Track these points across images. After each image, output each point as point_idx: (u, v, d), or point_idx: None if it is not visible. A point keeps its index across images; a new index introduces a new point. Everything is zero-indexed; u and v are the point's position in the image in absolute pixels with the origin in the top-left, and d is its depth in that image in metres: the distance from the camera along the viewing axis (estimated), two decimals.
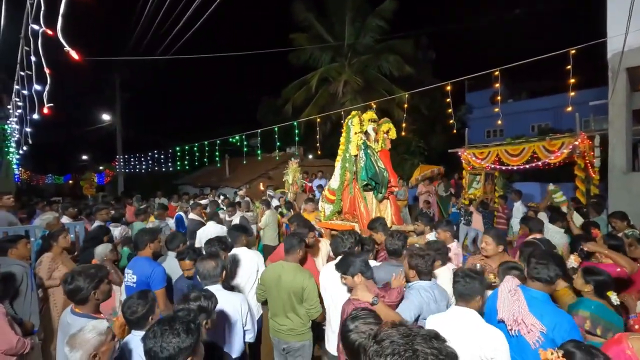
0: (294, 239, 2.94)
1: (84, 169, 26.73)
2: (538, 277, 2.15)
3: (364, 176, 4.36)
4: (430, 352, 0.88)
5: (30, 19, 3.05)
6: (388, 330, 0.96)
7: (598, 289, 2.46)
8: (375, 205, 4.55)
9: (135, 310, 1.94)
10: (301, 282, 2.71)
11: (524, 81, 23.30)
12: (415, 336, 0.91)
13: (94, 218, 5.09)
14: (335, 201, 4.62)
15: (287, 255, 2.92)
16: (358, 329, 1.52)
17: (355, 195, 4.49)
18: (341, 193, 4.58)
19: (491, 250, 3.01)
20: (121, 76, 16.77)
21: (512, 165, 8.19)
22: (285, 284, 2.76)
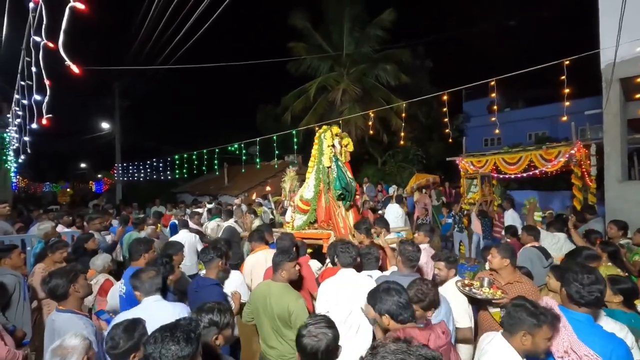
0: (282, 256, 2.69)
1: (82, 177, 26.73)
2: (587, 300, 1.90)
3: (338, 186, 4.57)
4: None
5: (32, 30, 3.10)
6: (387, 343, 0.91)
7: (627, 299, 2.37)
8: (345, 215, 4.74)
9: (116, 345, 1.75)
10: (287, 305, 2.46)
11: (520, 90, 23.54)
12: (410, 354, 0.83)
13: (88, 227, 5.06)
14: (309, 211, 4.78)
15: (274, 274, 2.69)
16: (310, 332, 1.56)
17: (331, 204, 4.70)
18: (316, 202, 4.75)
19: (496, 264, 2.87)
20: (120, 85, 16.88)
21: (510, 173, 8.25)
22: (271, 305, 2.52)
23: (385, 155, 17.27)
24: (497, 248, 2.92)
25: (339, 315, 2.63)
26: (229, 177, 16.41)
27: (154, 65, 10.22)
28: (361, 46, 15.19)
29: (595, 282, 1.92)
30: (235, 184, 15.81)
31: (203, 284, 2.88)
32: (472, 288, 2.84)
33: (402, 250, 2.76)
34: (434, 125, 17.49)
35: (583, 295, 1.91)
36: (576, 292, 1.93)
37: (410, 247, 2.75)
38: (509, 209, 7.01)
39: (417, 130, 17.03)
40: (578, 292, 1.92)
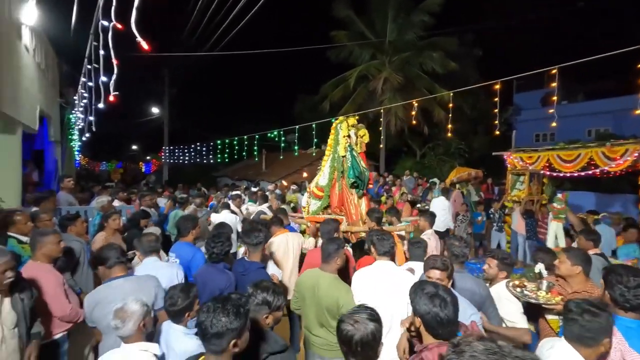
0: (332, 246, 2.61)
1: (133, 158, 28.82)
2: (633, 304, 1.80)
3: (352, 174, 4.77)
4: None
5: (100, 15, 3.36)
6: (472, 341, 0.79)
7: None
8: (357, 201, 4.95)
9: (175, 302, 1.99)
10: (337, 298, 2.40)
11: (580, 82, 21.42)
12: (505, 355, 0.72)
13: (141, 203, 5.46)
14: (323, 197, 4.98)
15: (323, 264, 2.63)
16: (350, 317, 1.53)
17: (344, 191, 4.91)
18: (329, 190, 4.94)
19: (565, 270, 2.59)
20: (170, 71, 17.82)
21: (565, 171, 7.59)
22: (319, 296, 2.48)
23: (424, 147, 16.68)
24: (568, 253, 2.64)
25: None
26: (266, 163, 16.83)
27: (201, 52, 10.63)
28: (405, 33, 14.62)
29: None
30: (273, 170, 16.19)
31: (250, 267, 2.89)
32: (524, 290, 2.66)
33: (449, 245, 2.63)
34: (480, 118, 16.53)
35: (628, 298, 1.82)
36: (620, 296, 1.84)
37: (457, 242, 2.62)
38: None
39: (461, 123, 16.16)
40: (622, 296, 1.83)
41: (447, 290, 1.71)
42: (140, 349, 1.81)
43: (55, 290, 2.58)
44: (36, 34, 5.78)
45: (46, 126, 7.48)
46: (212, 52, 10.76)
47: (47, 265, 2.68)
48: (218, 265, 2.78)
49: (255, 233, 2.92)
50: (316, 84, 16.79)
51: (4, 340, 2.10)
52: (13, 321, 2.14)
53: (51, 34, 6.98)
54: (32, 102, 5.69)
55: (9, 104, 4.22)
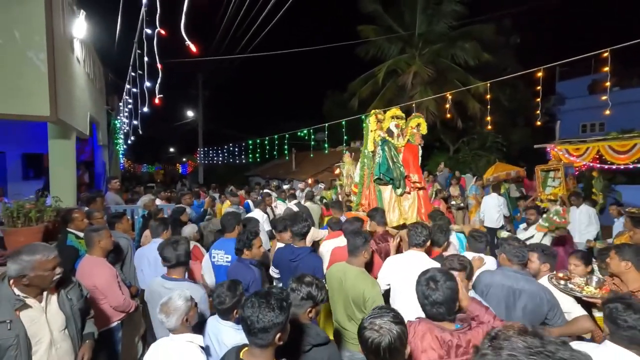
0: (358, 239, 2.64)
1: (171, 160, 30.40)
2: None
3: (377, 172, 4.59)
4: None
5: (144, 24, 3.59)
6: (512, 336, 0.68)
7: None
8: (395, 200, 4.67)
9: (223, 301, 2.03)
10: (362, 290, 2.43)
11: (633, 66, 19.49)
12: (548, 356, 0.62)
13: (181, 202, 5.75)
14: (357, 194, 4.99)
15: (350, 257, 2.67)
16: (372, 324, 1.44)
17: (371, 189, 4.75)
18: (362, 187, 4.88)
19: (614, 267, 2.53)
20: (203, 75, 18.58)
21: (618, 163, 6.99)
22: (346, 289, 2.53)
23: (458, 142, 16.05)
24: (616, 249, 2.53)
25: (397, 299, 2.65)
26: (296, 162, 17.03)
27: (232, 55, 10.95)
28: (435, 24, 14.11)
29: None
30: (303, 168, 16.37)
31: (301, 253, 3.03)
32: (568, 282, 2.56)
33: (506, 247, 2.55)
34: (519, 109, 15.61)
35: None
36: None
37: (516, 243, 2.53)
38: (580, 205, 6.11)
39: (498, 115, 15.34)
40: None
41: (447, 274, 1.83)
42: (187, 340, 1.91)
43: (110, 282, 2.79)
44: (85, 45, 6.26)
45: (95, 131, 8.09)
46: (242, 54, 11.08)
47: (102, 259, 2.91)
48: (245, 260, 2.85)
49: (303, 223, 3.11)
50: (346, 81, 16.72)
51: (54, 343, 1.97)
52: (62, 323, 2.04)
53: (98, 45, 7.53)
54: (83, 109, 6.18)
55: (64, 111, 4.61)
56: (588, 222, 5.95)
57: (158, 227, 3.59)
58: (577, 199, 6.32)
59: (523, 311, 2.29)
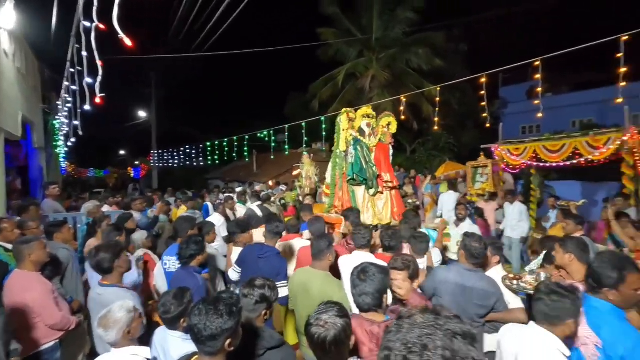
0: (322, 242, 2.60)
1: (122, 163, 28.42)
2: (595, 283, 1.85)
3: (350, 172, 4.55)
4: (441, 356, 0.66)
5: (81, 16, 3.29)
6: (414, 314, 0.77)
7: None
8: (369, 200, 4.64)
9: (168, 310, 1.92)
10: (330, 296, 2.28)
11: (564, 74, 21.79)
12: (438, 328, 0.70)
13: (132, 208, 5.38)
14: (330, 195, 4.89)
15: (314, 261, 2.61)
16: (318, 321, 1.46)
17: (344, 189, 4.70)
18: (334, 188, 4.79)
19: (559, 260, 2.59)
20: (156, 74, 17.58)
21: (551, 162, 7.72)
22: (313, 295, 2.45)
23: (415, 143, 16.82)
24: (560, 243, 2.63)
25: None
26: (257, 164, 16.75)
27: (187, 54, 10.51)
28: (391, 30, 14.71)
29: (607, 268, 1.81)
30: (264, 170, 16.13)
31: (269, 251, 3.00)
32: (520, 282, 2.72)
33: (467, 245, 2.60)
34: (468, 112, 16.73)
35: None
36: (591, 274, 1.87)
37: (476, 244, 2.58)
38: (514, 202, 6.74)
39: (450, 118, 16.34)
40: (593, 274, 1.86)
41: (379, 268, 1.92)
42: (131, 353, 1.79)
43: (44, 298, 2.53)
44: (15, 38, 5.64)
45: (30, 133, 7.30)
46: (198, 52, 10.66)
47: (35, 273, 2.63)
48: (189, 268, 2.74)
49: (277, 223, 3.17)
50: (307, 82, 16.81)
51: None
52: None
53: (31, 38, 6.81)
54: (13, 108, 5.55)
55: None
56: (519, 218, 6.51)
57: (110, 233, 3.35)
58: (512, 197, 6.91)
59: (472, 306, 2.40)
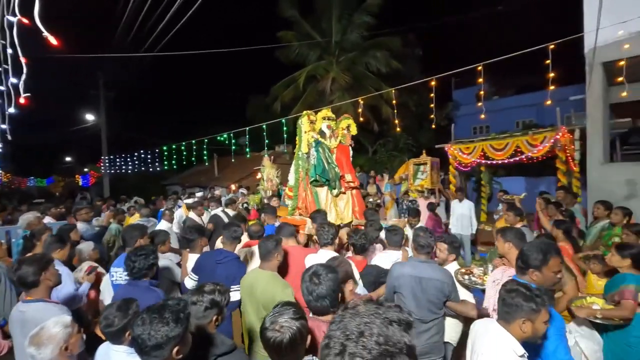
0: (269, 243, 2.60)
1: (68, 171, 26.20)
2: (522, 264, 2.01)
3: (313, 173, 4.61)
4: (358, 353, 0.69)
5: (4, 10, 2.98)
6: (358, 304, 0.81)
7: (636, 262, 2.62)
8: (331, 201, 4.74)
9: (111, 323, 1.79)
10: (272, 295, 2.34)
11: (510, 78, 23.69)
12: (377, 317, 0.75)
13: (76, 218, 4.99)
14: (293, 197, 4.90)
15: (262, 262, 2.60)
16: (274, 325, 1.44)
17: (307, 191, 4.74)
18: (297, 189, 4.81)
19: (500, 248, 2.73)
20: (105, 74, 16.41)
21: (497, 159, 8.36)
22: (257, 295, 2.44)
23: (375, 144, 17.32)
24: (500, 232, 2.81)
25: None
26: (219, 168, 16.28)
27: (139, 53, 9.97)
28: (350, 33, 15.05)
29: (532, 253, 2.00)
30: (226, 175, 15.71)
31: (228, 256, 2.97)
32: (472, 276, 2.87)
33: (415, 237, 2.68)
34: (425, 114, 17.52)
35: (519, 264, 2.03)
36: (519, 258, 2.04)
37: (422, 233, 2.67)
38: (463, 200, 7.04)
39: (408, 119, 17.06)
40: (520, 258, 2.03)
41: (328, 268, 1.91)
42: None
43: None
44: None
45: None
46: (152, 52, 10.14)
47: None
48: (141, 282, 2.49)
49: (235, 227, 3.13)
50: (268, 84, 16.66)
51: None
52: None
53: None
54: None
55: None
56: (469, 215, 6.83)
57: (51, 244, 3.08)
58: (461, 194, 7.17)
59: (429, 296, 2.49)
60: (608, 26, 4.51)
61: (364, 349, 0.69)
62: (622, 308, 2.51)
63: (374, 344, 0.70)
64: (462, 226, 6.80)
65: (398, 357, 0.69)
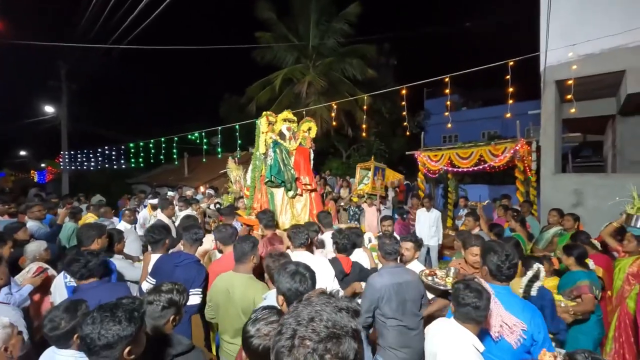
0: (246, 244, 2.53)
1: (22, 166, 24.33)
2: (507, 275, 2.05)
3: (268, 174, 4.65)
4: (309, 346, 0.72)
5: None
6: (312, 296, 0.86)
7: (579, 260, 3.03)
8: (287, 202, 4.77)
9: (57, 326, 1.66)
10: (252, 298, 2.30)
11: (477, 91, 25.01)
12: (327, 305, 0.79)
13: (28, 216, 4.64)
14: (249, 197, 4.92)
15: (237, 264, 2.53)
16: (260, 331, 1.38)
17: (262, 191, 4.77)
18: (253, 190, 4.84)
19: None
20: (68, 65, 15.42)
21: (463, 167, 8.76)
22: (234, 299, 2.36)
23: (350, 149, 17.58)
24: (459, 235, 3.11)
25: None
26: (189, 167, 15.80)
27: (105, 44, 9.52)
28: (327, 39, 15.24)
29: (513, 258, 2.06)
30: (196, 175, 15.28)
31: (187, 259, 2.86)
32: (435, 277, 2.97)
33: (381, 245, 2.70)
34: (397, 121, 18.10)
35: (503, 271, 2.05)
36: (497, 269, 2.06)
37: (387, 240, 2.71)
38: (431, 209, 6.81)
39: (382, 126, 17.51)
40: (499, 269, 2.05)
41: (307, 266, 1.89)
42: None
43: None
44: None
45: None
46: (120, 44, 9.69)
47: None
48: (94, 282, 2.35)
49: (195, 229, 3.06)
50: (243, 85, 16.45)
51: None
52: None
53: None
54: None
55: None
56: (435, 225, 6.55)
57: None
58: (428, 202, 6.85)
59: (412, 297, 2.55)
60: (560, 47, 4.91)
61: (313, 332, 0.74)
62: (585, 303, 2.85)
63: (322, 328, 0.75)
64: (429, 236, 6.58)
65: (344, 338, 0.74)
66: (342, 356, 0.72)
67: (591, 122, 8.16)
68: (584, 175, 5.93)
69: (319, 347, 0.72)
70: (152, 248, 3.29)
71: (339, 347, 0.73)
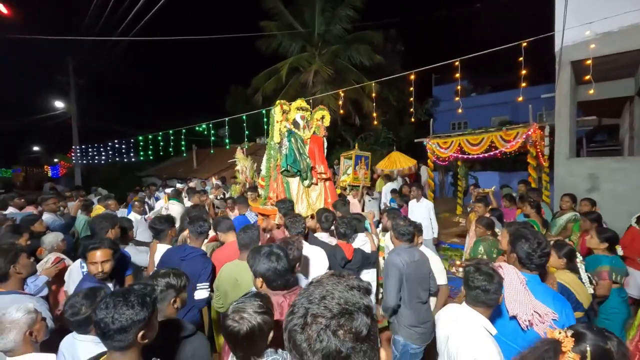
0: (252, 232, 2.57)
1: (36, 161, 24.90)
2: (537, 264, 1.99)
3: (284, 163, 4.60)
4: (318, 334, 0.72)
5: None
6: (326, 276, 0.86)
7: (611, 245, 3.04)
8: (303, 191, 4.76)
9: (78, 311, 1.71)
10: None
11: (487, 76, 24.38)
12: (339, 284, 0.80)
13: (42, 208, 4.75)
14: (264, 187, 4.91)
15: (242, 253, 2.55)
16: (235, 313, 1.42)
17: (278, 181, 4.75)
18: (269, 179, 4.82)
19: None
20: (76, 59, 15.53)
21: (473, 154, 8.61)
22: (243, 287, 2.36)
23: (357, 137, 17.45)
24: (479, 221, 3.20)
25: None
26: (197, 159, 15.93)
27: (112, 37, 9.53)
28: (333, 26, 14.98)
29: (545, 247, 2.01)
30: (205, 166, 15.41)
31: (192, 252, 2.85)
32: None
33: (395, 225, 2.79)
34: (405, 109, 17.84)
35: (533, 260, 2.00)
36: (527, 257, 2.00)
37: (401, 222, 2.79)
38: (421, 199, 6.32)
39: (389, 113, 17.28)
40: (529, 257, 2.00)
41: (279, 246, 1.99)
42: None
43: None
44: None
45: None
46: (125, 37, 9.69)
47: None
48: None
49: (201, 222, 3.02)
50: (248, 76, 16.35)
51: None
52: None
53: None
54: None
55: None
56: (428, 216, 5.93)
57: (5, 235, 2.95)
58: (417, 192, 6.16)
59: (425, 275, 2.75)
60: (575, 26, 4.72)
61: (325, 309, 0.75)
62: (600, 287, 2.86)
63: (335, 305, 0.76)
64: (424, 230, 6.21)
65: (357, 314, 0.75)
66: (355, 331, 0.73)
67: (607, 105, 7.89)
68: (600, 159, 5.75)
69: (332, 323, 0.73)
70: (157, 238, 3.36)
71: (352, 323, 0.73)
